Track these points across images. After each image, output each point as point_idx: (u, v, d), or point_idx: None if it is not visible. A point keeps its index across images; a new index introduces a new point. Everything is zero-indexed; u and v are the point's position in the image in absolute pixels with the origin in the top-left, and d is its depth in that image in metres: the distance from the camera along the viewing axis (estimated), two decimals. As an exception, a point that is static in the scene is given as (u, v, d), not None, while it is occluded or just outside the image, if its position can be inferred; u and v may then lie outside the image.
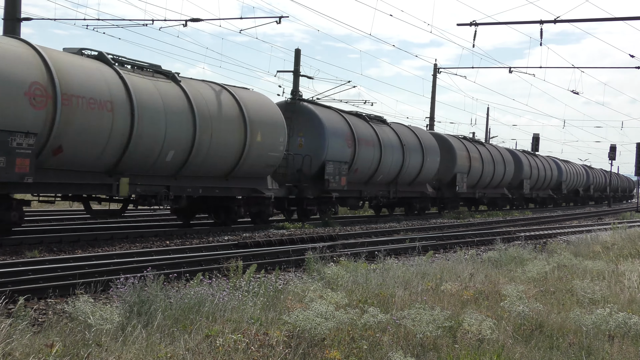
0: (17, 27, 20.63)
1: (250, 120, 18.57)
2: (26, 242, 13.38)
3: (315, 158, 22.37)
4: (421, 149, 29.29)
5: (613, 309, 7.38)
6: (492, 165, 37.35)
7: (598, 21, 25.00)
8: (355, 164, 24.17)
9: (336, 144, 23.10)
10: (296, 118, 22.84)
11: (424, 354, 5.97)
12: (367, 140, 25.10)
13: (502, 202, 41.68)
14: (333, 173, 22.48)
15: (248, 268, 9.01)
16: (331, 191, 22.67)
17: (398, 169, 27.22)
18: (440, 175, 31.67)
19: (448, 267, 10.94)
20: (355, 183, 24.86)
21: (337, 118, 24.24)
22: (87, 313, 6.06)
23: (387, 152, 26.08)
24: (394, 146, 26.95)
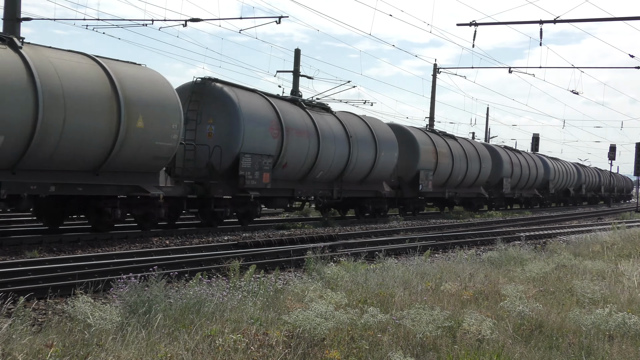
0: (17, 27, 20.63)
1: (127, 100, 14.82)
2: (26, 242, 13.38)
3: (228, 150, 18.43)
4: (374, 141, 25.35)
5: (613, 309, 7.38)
6: (464, 161, 33.46)
7: (598, 21, 25.01)
8: (283, 158, 20.20)
9: (256, 132, 19.04)
10: (206, 102, 18.81)
11: (424, 354, 5.97)
12: (300, 129, 20.99)
13: (478, 202, 37.60)
14: (251, 168, 18.62)
15: (248, 268, 9.02)
16: (248, 190, 18.85)
17: (343, 164, 23.42)
18: (401, 172, 28.17)
19: (448, 267, 10.95)
20: (285, 180, 20.86)
21: (259, 102, 20.12)
22: (86, 313, 6.06)
23: (327, 144, 22.12)
24: (337, 138, 23.05)
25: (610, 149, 60.38)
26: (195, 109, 18.56)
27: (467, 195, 35.55)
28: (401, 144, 27.89)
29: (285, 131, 20.15)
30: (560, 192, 54.67)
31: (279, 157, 20.03)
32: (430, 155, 30.30)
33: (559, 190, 53.78)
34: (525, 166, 43.97)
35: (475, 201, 37.19)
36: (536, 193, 47.40)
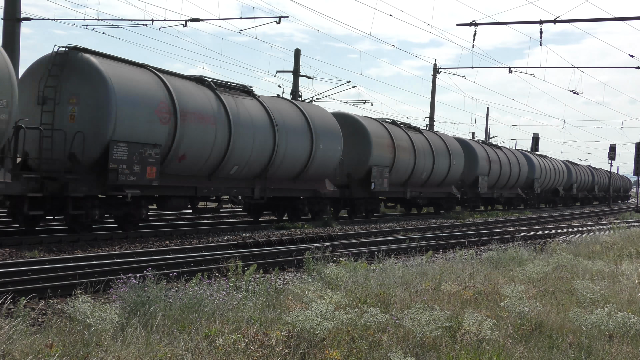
0: (17, 27, 20.64)
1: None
2: (26, 242, 13.38)
3: (94, 136, 14.67)
4: (309, 131, 21.37)
5: (612, 309, 7.39)
6: (430, 157, 29.52)
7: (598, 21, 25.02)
8: (179, 149, 16.39)
9: (135, 116, 15.32)
10: (68, 77, 15.01)
11: (424, 354, 5.97)
12: (204, 114, 17.15)
13: (448, 203, 33.51)
14: (127, 160, 14.98)
15: (248, 268, 9.01)
16: (124, 187, 15.26)
17: (267, 157, 19.49)
18: (350, 168, 24.62)
19: (448, 267, 10.95)
20: (184, 176, 17.18)
21: (143, 78, 16.14)
22: (86, 313, 6.06)
23: (242, 133, 18.36)
24: (258, 126, 19.11)
25: (610, 149, 60.43)
26: (54, 85, 14.83)
27: (434, 195, 31.51)
28: (349, 136, 24.29)
29: (180, 116, 16.23)
30: (548, 192, 51.21)
31: (171, 148, 16.24)
32: (385, 149, 26.19)
33: (546, 190, 50.37)
34: (506, 163, 40.11)
35: (444, 202, 33.06)
36: (519, 193, 43.59)
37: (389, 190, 26.28)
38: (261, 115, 19.52)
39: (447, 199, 33.01)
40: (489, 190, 37.83)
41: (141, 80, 15.96)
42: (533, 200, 46.82)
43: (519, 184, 43.17)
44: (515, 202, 44.21)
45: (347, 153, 24.09)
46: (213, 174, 18.08)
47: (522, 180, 43.21)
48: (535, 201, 47.58)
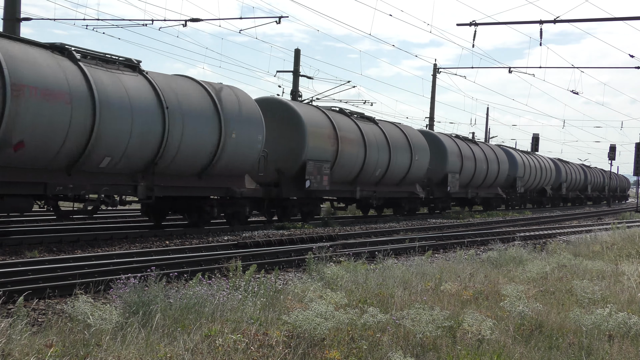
0: (17, 27, 20.64)
1: None
2: (26, 242, 13.37)
3: None
4: (217, 115, 17.30)
5: (613, 309, 7.39)
6: (385, 151, 25.59)
7: (598, 21, 25.01)
8: (11, 133, 12.52)
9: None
10: None
11: (424, 354, 5.97)
12: (51, 90, 13.13)
13: (410, 204, 29.35)
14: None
15: (248, 268, 9.01)
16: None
17: (154, 147, 15.55)
18: (281, 163, 20.83)
19: (447, 267, 10.95)
20: (25, 170, 13.24)
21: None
22: (86, 313, 6.06)
23: (112, 116, 14.38)
24: (138, 107, 15.06)
25: (610, 149, 60.40)
26: None
27: (393, 194, 27.58)
28: (278, 124, 20.62)
29: (11, 89, 12.34)
30: (534, 191, 47.34)
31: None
32: (326, 140, 22.07)
33: (531, 190, 46.50)
34: (482, 160, 35.62)
35: (406, 202, 29.00)
36: (499, 193, 39.14)
37: (331, 189, 22.24)
38: (146, 94, 15.45)
39: (409, 199, 28.87)
40: (462, 190, 33.70)
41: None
42: (515, 201, 43.19)
43: (499, 183, 39.07)
44: (494, 203, 39.73)
45: (276, 145, 20.66)
46: (73, 167, 14.10)
47: (502, 178, 39.04)
48: (517, 202, 44.02)
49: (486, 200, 38.78)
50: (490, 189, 38.17)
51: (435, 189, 30.98)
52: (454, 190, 32.04)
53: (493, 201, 39.60)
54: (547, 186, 49.30)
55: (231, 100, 18.28)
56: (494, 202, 39.69)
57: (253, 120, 18.82)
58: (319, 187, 21.65)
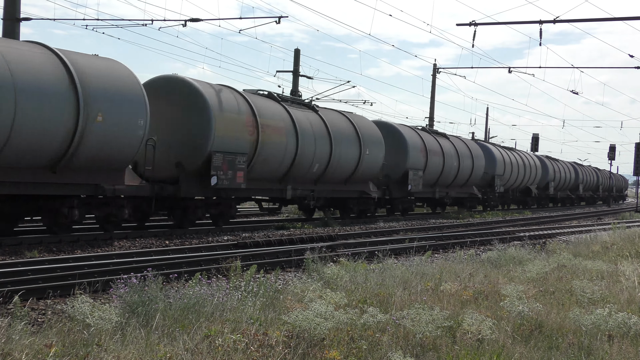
0: (17, 27, 20.64)
1: None
2: (26, 242, 13.37)
3: None
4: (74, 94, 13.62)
5: (612, 309, 7.39)
6: (325, 143, 21.47)
7: (598, 21, 25.03)
8: None
9: None
10: None
11: (424, 354, 5.96)
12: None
13: (359, 204, 25.12)
14: None
15: (248, 268, 9.01)
16: None
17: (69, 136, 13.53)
18: (181, 157, 17.04)
19: (447, 267, 10.95)
20: None
21: None
22: (86, 313, 6.06)
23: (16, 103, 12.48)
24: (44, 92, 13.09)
25: (610, 149, 60.41)
26: None
27: (337, 194, 23.55)
28: (171, 105, 17.20)
29: None
30: (517, 191, 43.67)
31: None
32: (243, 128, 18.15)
33: (514, 189, 42.80)
34: (452, 155, 31.59)
35: (354, 203, 24.87)
36: (474, 192, 34.96)
37: (249, 187, 18.67)
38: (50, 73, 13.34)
39: (358, 199, 25.01)
40: (428, 189, 29.87)
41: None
42: (494, 201, 39.37)
43: (474, 182, 34.81)
44: (468, 204, 35.53)
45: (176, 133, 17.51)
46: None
47: (477, 176, 34.82)
48: (496, 202, 40.14)
49: (459, 201, 34.76)
50: (463, 188, 33.94)
51: (393, 187, 26.98)
52: (417, 190, 28.03)
53: (467, 201, 35.39)
54: (532, 185, 45.60)
55: (98, 73, 14.59)
56: (468, 203, 35.48)
57: (131, 100, 15.10)
58: (230, 185, 17.58)
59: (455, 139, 33.98)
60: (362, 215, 25.51)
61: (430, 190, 30.36)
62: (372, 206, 26.12)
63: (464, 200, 35.10)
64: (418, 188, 28.04)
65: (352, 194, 24.52)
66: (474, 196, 35.38)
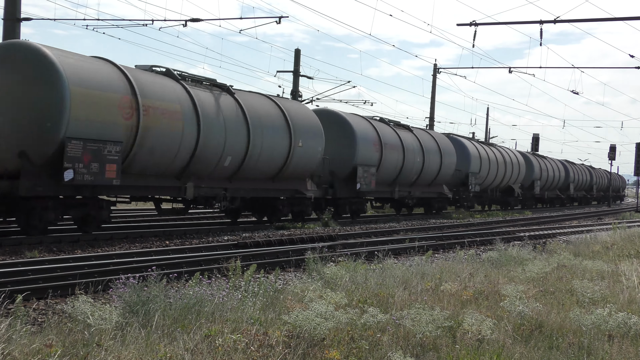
0: (17, 27, 20.65)
1: None
2: (26, 242, 13.37)
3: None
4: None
5: (613, 309, 7.39)
6: (241, 133, 18.24)
7: (598, 21, 25.03)
8: None
9: None
10: None
11: (424, 354, 5.96)
12: None
13: (291, 205, 21.44)
14: None
15: (248, 268, 9.01)
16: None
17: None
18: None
19: (447, 267, 10.94)
20: None
21: None
22: (86, 313, 6.06)
23: None
24: None
25: (610, 149, 60.39)
26: None
27: (261, 194, 19.99)
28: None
29: None
30: (496, 190, 39.70)
31: None
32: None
33: (494, 189, 39.14)
34: (415, 151, 27.97)
35: (284, 204, 21.04)
36: (443, 192, 31.49)
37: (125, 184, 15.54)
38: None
39: (289, 200, 21.38)
40: (385, 188, 26.60)
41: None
42: (468, 202, 35.73)
43: (444, 180, 31.40)
44: (436, 204, 32.16)
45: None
46: None
47: (447, 174, 31.06)
48: (471, 202, 36.41)
49: (425, 201, 31.44)
50: (431, 187, 30.66)
51: (340, 186, 23.64)
52: (368, 189, 24.68)
53: (435, 202, 32.00)
54: (514, 184, 41.87)
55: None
56: (435, 204, 32.10)
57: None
58: (96, 181, 14.61)
59: (421, 132, 30.29)
60: (299, 219, 21.84)
61: (387, 190, 27.09)
62: (309, 207, 22.26)
63: (432, 200, 31.83)
64: (369, 187, 24.65)
65: (283, 194, 21.00)
66: (444, 196, 32.01)
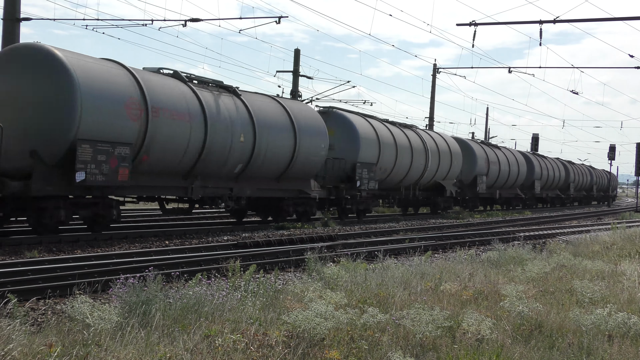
0: (17, 27, 20.64)
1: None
2: (26, 242, 13.37)
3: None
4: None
5: (612, 309, 7.38)
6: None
7: (598, 21, 25.02)
8: None
9: None
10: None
11: (424, 354, 5.96)
12: None
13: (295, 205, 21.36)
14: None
15: (247, 268, 9.01)
16: None
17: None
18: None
19: (447, 267, 10.94)
20: None
21: None
22: (85, 313, 6.05)
23: None
24: None
25: (610, 149, 60.39)
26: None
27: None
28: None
29: None
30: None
31: None
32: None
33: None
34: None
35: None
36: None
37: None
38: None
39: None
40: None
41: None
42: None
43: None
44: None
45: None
46: None
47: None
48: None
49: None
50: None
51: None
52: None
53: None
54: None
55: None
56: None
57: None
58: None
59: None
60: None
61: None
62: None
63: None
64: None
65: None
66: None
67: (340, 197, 23.63)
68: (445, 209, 32.56)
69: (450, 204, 33.11)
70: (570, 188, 52.47)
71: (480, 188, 35.04)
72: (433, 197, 31.48)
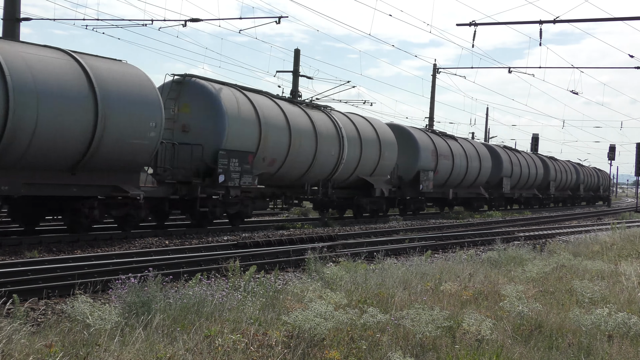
0: (17, 27, 20.64)
1: None
2: (26, 242, 13.37)
3: None
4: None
5: (612, 309, 7.38)
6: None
7: (598, 21, 25.01)
8: None
9: None
10: None
11: (423, 354, 5.96)
12: None
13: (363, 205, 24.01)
14: None
15: (247, 268, 9.01)
16: None
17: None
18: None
19: (447, 267, 10.93)
20: None
21: None
22: (85, 313, 6.05)
23: None
24: None
25: (609, 149, 60.39)
26: None
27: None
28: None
29: None
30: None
31: None
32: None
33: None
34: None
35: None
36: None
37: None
38: None
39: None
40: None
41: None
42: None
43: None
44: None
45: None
46: None
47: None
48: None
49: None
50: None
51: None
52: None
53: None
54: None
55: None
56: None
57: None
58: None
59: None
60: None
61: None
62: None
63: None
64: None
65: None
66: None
67: (193, 196, 17.61)
68: (375, 212, 26.56)
69: (381, 205, 26.74)
70: (551, 187, 46.61)
71: (424, 186, 28.82)
72: (357, 197, 25.39)
